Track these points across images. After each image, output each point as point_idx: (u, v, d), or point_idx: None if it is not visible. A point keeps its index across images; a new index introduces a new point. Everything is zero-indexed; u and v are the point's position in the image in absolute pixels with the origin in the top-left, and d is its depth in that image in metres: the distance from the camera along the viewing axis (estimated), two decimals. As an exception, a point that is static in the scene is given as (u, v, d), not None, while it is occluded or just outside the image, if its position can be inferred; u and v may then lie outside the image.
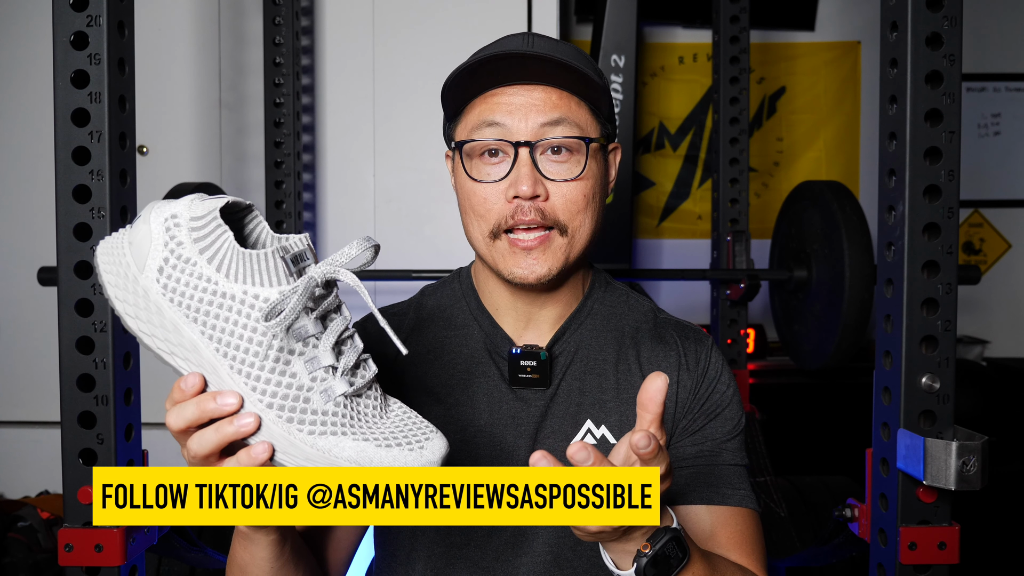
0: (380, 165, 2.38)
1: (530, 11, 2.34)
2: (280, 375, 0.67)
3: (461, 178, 0.96)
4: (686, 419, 0.98)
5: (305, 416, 0.67)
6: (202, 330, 0.67)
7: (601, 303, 1.03)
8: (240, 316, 0.67)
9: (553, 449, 0.96)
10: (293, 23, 2.25)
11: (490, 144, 0.92)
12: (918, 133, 1.12)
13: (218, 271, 0.67)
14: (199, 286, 0.67)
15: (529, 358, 0.97)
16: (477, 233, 0.95)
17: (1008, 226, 3.07)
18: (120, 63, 1.17)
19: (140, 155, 2.31)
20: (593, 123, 0.95)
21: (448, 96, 0.95)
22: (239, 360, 0.67)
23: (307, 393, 0.68)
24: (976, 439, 1.08)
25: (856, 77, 3.00)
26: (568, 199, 0.92)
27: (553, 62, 0.89)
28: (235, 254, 0.67)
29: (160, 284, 0.68)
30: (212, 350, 0.68)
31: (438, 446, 0.69)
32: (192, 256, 0.67)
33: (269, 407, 0.67)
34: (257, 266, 0.66)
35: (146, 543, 1.21)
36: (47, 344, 1.45)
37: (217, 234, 0.67)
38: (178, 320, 0.68)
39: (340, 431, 0.68)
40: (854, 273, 1.80)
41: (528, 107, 0.91)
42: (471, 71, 0.91)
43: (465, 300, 1.04)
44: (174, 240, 0.68)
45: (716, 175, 2.40)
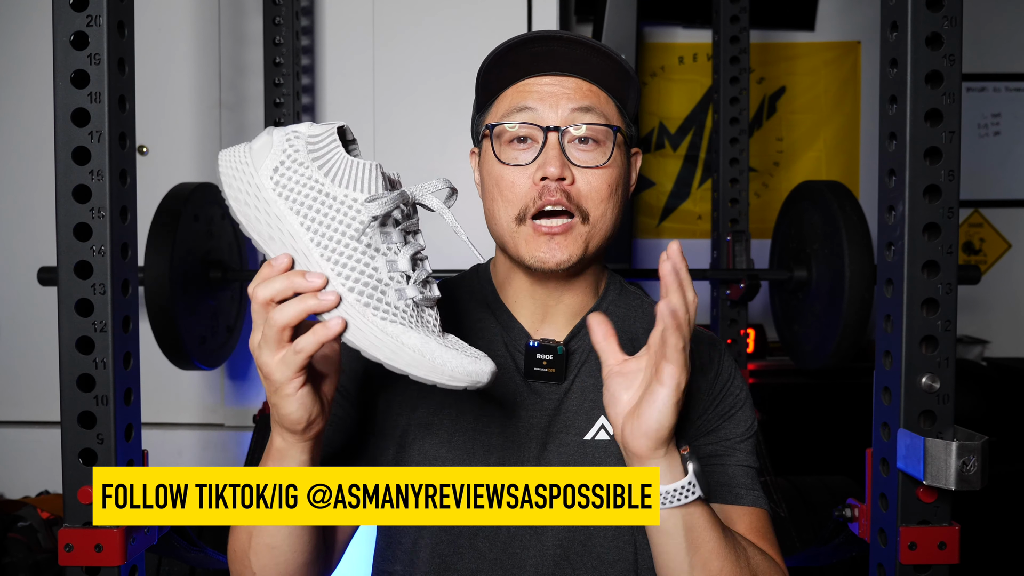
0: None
1: (530, 11, 2.34)
2: (364, 265, 0.75)
3: (489, 163, 0.98)
4: (701, 420, 0.99)
5: (380, 304, 0.75)
6: (302, 221, 0.76)
7: (616, 305, 1.05)
8: (338, 213, 0.75)
9: (565, 444, 0.98)
10: (293, 23, 2.25)
11: (520, 131, 0.95)
12: (918, 133, 1.12)
13: (326, 176, 0.76)
14: (307, 184, 0.76)
15: (546, 352, 0.98)
16: (503, 218, 0.97)
17: (1008, 226, 3.07)
18: (120, 63, 1.17)
19: (140, 155, 2.31)
20: (620, 118, 0.98)
21: (482, 82, 0.99)
22: (330, 249, 0.75)
23: (384, 287, 0.76)
24: (976, 439, 1.08)
25: (856, 77, 3.00)
26: (593, 186, 0.94)
27: (587, 46, 0.92)
28: (343, 162, 0.76)
29: (273, 181, 0.77)
30: (307, 239, 0.76)
31: (488, 365, 0.76)
32: (305, 160, 0.76)
33: (351, 291, 0.75)
34: (361, 174, 0.76)
35: (146, 543, 1.21)
36: (47, 344, 1.45)
37: (330, 146, 0.77)
38: (283, 210, 0.76)
39: (408, 325, 0.75)
40: (854, 273, 1.80)
41: (559, 95, 0.94)
42: (506, 56, 0.94)
43: (483, 293, 1.05)
44: (292, 147, 0.77)
45: (716, 175, 2.40)
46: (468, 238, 0.82)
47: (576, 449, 0.97)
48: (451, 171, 2.34)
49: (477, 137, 1.04)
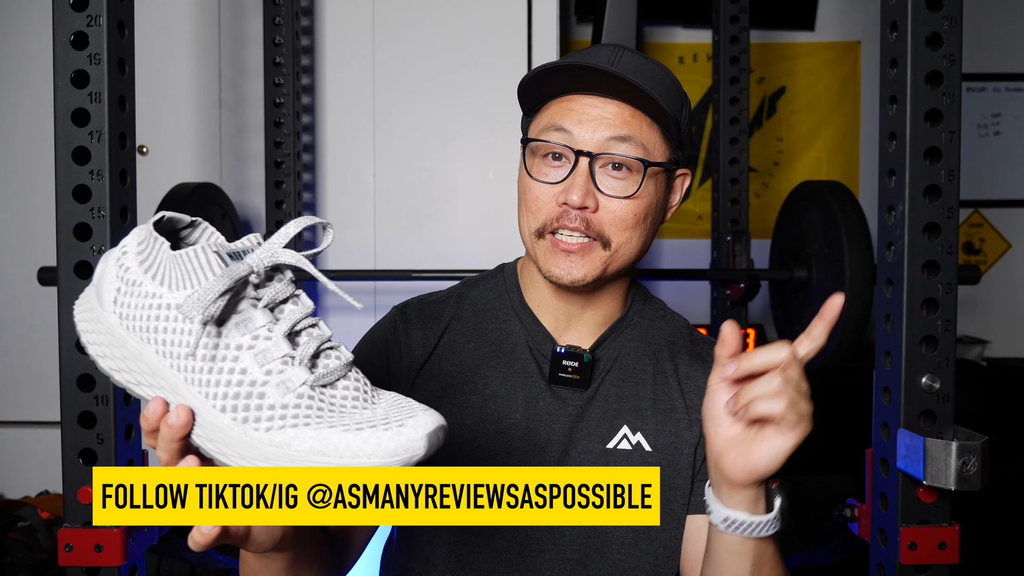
0: (380, 165, 2.38)
1: (530, 11, 2.34)
2: (229, 374, 0.64)
3: (522, 172, 0.99)
4: None
5: (261, 413, 0.63)
6: (156, 349, 0.65)
7: (641, 315, 1.06)
8: (181, 323, 0.64)
9: (587, 451, 0.98)
10: (293, 23, 2.25)
11: (554, 148, 0.95)
12: (918, 133, 1.12)
13: (161, 284, 0.65)
14: (145, 304, 0.66)
15: (572, 359, 0.99)
16: (525, 227, 0.98)
17: (1008, 226, 3.07)
18: (120, 63, 1.17)
19: (140, 155, 2.31)
20: (662, 146, 0.96)
21: (524, 93, 0.98)
22: (189, 368, 0.64)
23: (261, 388, 0.64)
24: (976, 439, 1.08)
25: (856, 77, 3.00)
26: (617, 215, 0.94)
27: (631, 85, 0.90)
28: (168, 260, 0.65)
29: (117, 315, 0.67)
30: (168, 367, 0.65)
31: (423, 422, 0.62)
32: (137, 277, 0.66)
33: (223, 410, 0.64)
34: (190, 266, 0.64)
35: (146, 543, 1.21)
36: (47, 344, 1.45)
37: (156, 248, 0.66)
38: (137, 346, 0.66)
39: (302, 423, 0.63)
40: (854, 273, 1.80)
41: (599, 120, 0.93)
42: (553, 72, 0.93)
43: (508, 295, 1.06)
44: (123, 268, 0.67)
45: (716, 175, 2.40)
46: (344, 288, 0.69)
47: (598, 457, 0.98)
48: (451, 171, 2.35)
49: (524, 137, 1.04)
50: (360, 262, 2.35)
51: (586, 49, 0.97)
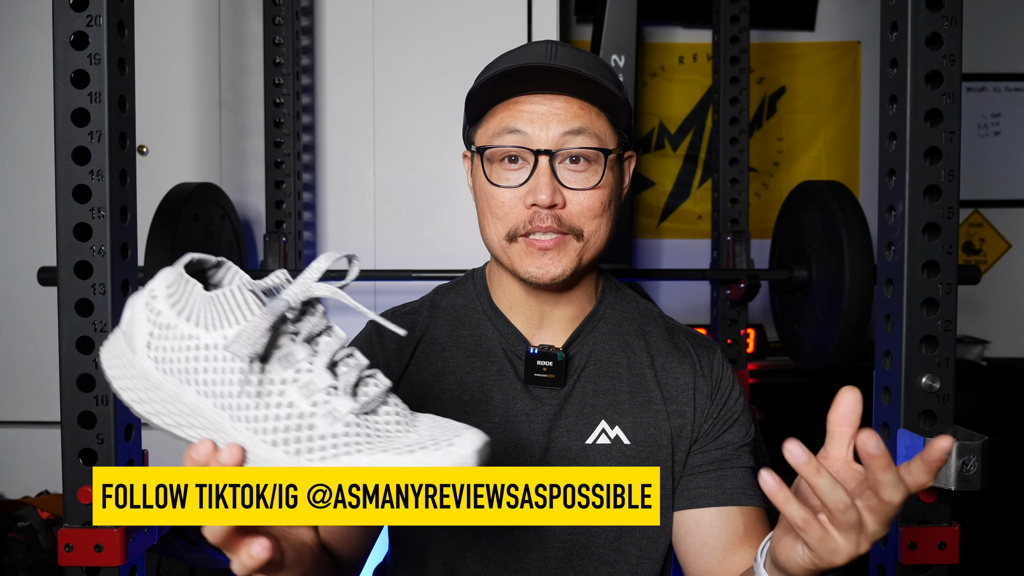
0: (380, 165, 2.38)
1: (530, 11, 2.34)
2: (277, 408, 0.65)
3: (480, 181, 0.98)
4: (707, 424, 1.02)
5: (313, 444, 0.65)
6: (197, 389, 0.66)
7: (612, 308, 1.07)
8: (225, 362, 0.65)
9: (567, 448, 0.99)
10: (293, 23, 2.25)
11: (511, 151, 0.94)
12: (918, 133, 1.12)
13: (197, 326, 0.66)
14: (182, 346, 0.66)
15: (546, 358, 0.99)
16: (494, 235, 0.97)
17: (1008, 226, 3.06)
18: (120, 63, 1.17)
19: (140, 155, 2.31)
20: (611, 133, 0.97)
21: (471, 103, 0.98)
22: (235, 407, 0.65)
23: (310, 419, 0.65)
24: (976, 439, 1.08)
25: (856, 77, 3.00)
26: (585, 206, 0.94)
27: (576, 76, 0.91)
28: (203, 301, 0.66)
29: (151, 359, 0.67)
30: (211, 406, 0.66)
31: (470, 439, 0.65)
32: (171, 320, 0.67)
33: (274, 445, 0.65)
34: (227, 306, 0.65)
35: (146, 543, 1.21)
36: (47, 344, 1.45)
37: (188, 290, 0.67)
38: (175, 388, 0.67)
39: (355, 450, 0.64)
40: (854, 273, 1.80)
41: (550, 116, 0.93)
42: (494, 81, 0.93)
43: (479, 299, 1.06)
44: (154, 311, 0.68)
45: (716, 175, 2.40)
46: (381, 315, 0.71)
47: (578, 454, 0.98)
48: (451, 171, 2.35)
49: (468, 146, 1.03)
50: (360, 262, 2.35)
51: (518, 50, 0.97)
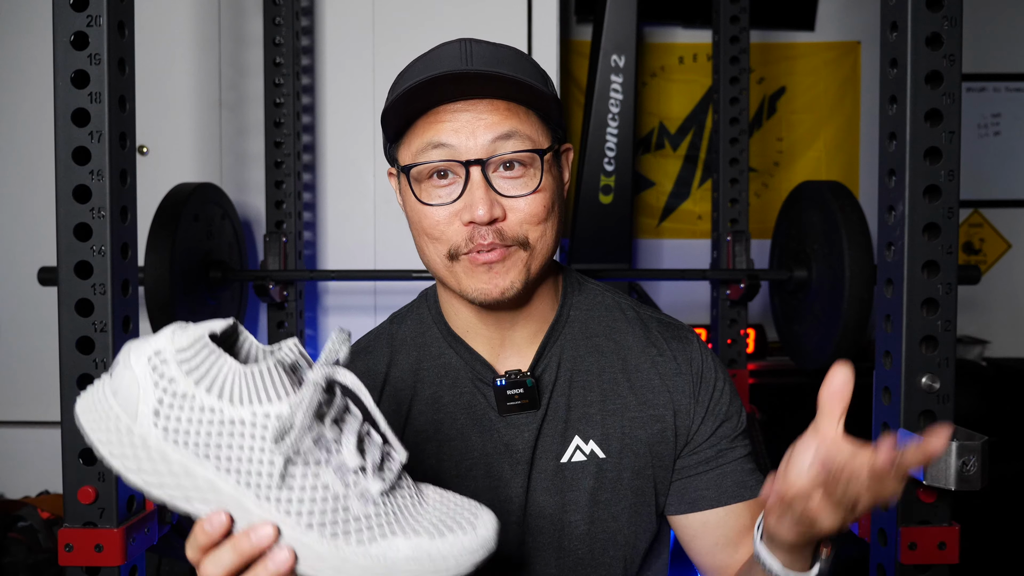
0: (380, 165, 2.38)
1: (530, 11, 2.34)
2: (313, 490, 0.63)
3: (411, 201, 0.90)
4: (695, 424, 0.97)
5: (349, 526, 0.63)
6: (217, 465, 0.63)
7: (577, 308, 1.00)
8: (256, 440, 0.62)
9: (543, 471, 0.94)
10: (293, 23, 2.25)
11: (438, 166, 0.87)
12: (918, 133, 1.12)
13: (220, 398, 0.62)
14: (203, 419, 0.62)
15: (515, 387, 0.93)
16: (434, 256, 0.90)
17: (1008, 226, 3.07)
18: (120, 63, 1.17)
19: (140, 155, 2.31)
20: (543, 130, 0.90)
21: (387, 120, 0.89)
22: (264, 486, 0.63)
23: (344, 501, 0.64)
24: (976, 439, 1.08)
25: (856, 77, 3.00)
26: (527, 213, 0.87)
27: (497, 77, 0.83)
28: (236, 375, 0.63)
29: (160, 428, 0.63)
30: (232, 483, 0.63)
31: (488, 522, 0.66)
32: (188, 390, 0.63)
33: (309, 527, 0.63)
34: (260, 382, 0.63)
35: (146, 543, 1.21)
36: (47, 344, 1.45)
37: (211, 360, 0.63)
38: (187, 462, 0.63)
39: (389, 531, 0.64)
40: (854, 273, 1.80)
41: (475, 123, 0.86)
42: (409, 94, 0.85)
43: (437, 325, 0.99)
44: (164, 378, 0.63)
45: (716, 175, 2.40)
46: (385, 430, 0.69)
47: (554, 474, 0.94)
48: (451, 171, 2.35)
49: (392, 164, 0.96)
50: (360, 262, 2.35)
51: (429, 54, 0.88)
